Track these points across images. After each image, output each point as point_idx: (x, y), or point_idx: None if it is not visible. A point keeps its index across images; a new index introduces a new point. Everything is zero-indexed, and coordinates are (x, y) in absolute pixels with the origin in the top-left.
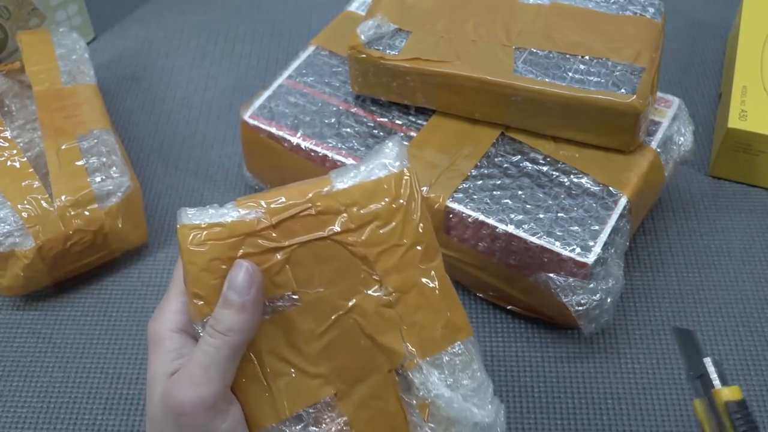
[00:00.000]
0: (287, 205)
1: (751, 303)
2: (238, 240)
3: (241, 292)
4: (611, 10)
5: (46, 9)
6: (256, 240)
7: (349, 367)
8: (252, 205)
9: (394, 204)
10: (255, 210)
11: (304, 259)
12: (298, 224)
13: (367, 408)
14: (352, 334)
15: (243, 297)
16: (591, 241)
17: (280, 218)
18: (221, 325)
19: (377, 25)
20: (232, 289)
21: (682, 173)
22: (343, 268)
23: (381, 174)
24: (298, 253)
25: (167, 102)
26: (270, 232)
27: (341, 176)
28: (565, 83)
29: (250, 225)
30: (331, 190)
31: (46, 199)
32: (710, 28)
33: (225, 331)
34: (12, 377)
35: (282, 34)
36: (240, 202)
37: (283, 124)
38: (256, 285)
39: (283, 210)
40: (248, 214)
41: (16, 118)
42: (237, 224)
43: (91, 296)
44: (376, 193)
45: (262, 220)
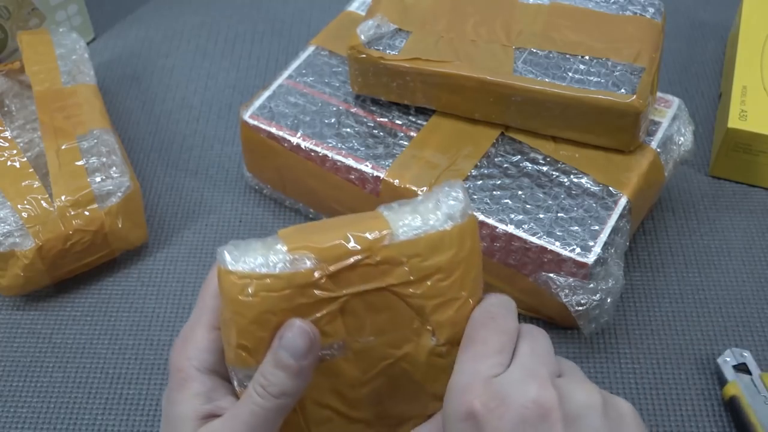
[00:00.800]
0: (345, 252)
1: (751, 303)
2: (292, 291)
3: (298, 356)
4: (611, 10)
5: (46, 9)
6: (311, 291)
7: (393, 412)
8: (304, 251)
9: (457, 256)
10: (307, 257)
11: (358, 308)
12: (355, 274)
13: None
14: (399, 381)
15: (300, 362)
16: (591, 241)
17: (338, 268)
18: (273, 387)
19: (377, 25)
20: (289, 351)
21: (682, 173)
22: (396, 318)
23: (447, 226)
24: (352, 303)
25: (167, 102)
26: (326, 282)
27: (401, 220)
28: (565, 83)
29: (305, 276)
30: (392, 241)
31: (46, 199)
32: (710, 28)
33: (277, 394)
34: (12, 377)
35: (282, 34)
36: (290, 244)
37: (283, 124)
38: (314, 350)
39: (339, 258)
40: (301, 262)
41: (16, 118)
42: (291, 276)
43: (91, 296)
44: (441, 245)
45: (317, 271)
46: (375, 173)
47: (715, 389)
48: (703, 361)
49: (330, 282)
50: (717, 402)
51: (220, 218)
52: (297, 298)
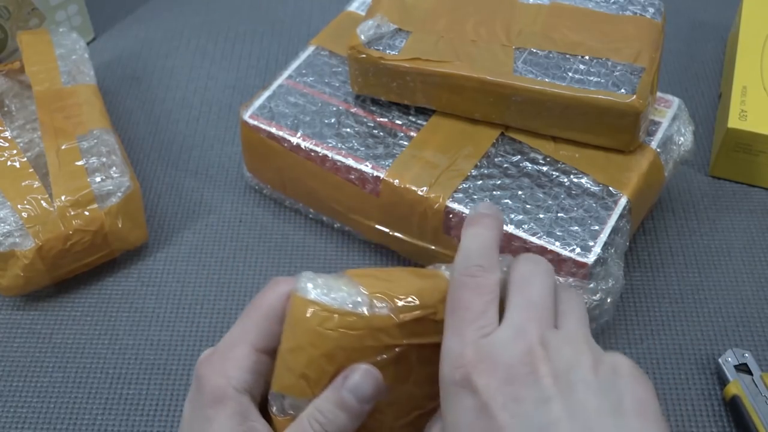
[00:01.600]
0: (415, 306)
1: (751, 303)
2: (365, 333)
3: (362, 400)
4: (611, 10)
5: (46, 9)
6: (380, 335)
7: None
8: (383, 298)
9: None
10: (385, 303)
11: (411, 358)
12: (420, 327)
13: None
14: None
15: (363, 405)
16: (591, 241)
17: (406, 319)
18: (331, 426)
19: (377, 25)
20: (354, 394)
21: (682, 173)
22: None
23: None
24: (407, 352)
25: (167, 102)
26: (394, 329)
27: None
28: (565, 83)
29: (383, 321)
30: None
31: (46, 199)
32: (710, 28)
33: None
34: (12, 377)
35: (282, 34)
36: (370, 289)
37: (283, 124)
38: (378, 396)
39: (410, 311)
40: (380, 308)
41: (16, 118)
42: (371, 318)
43: (91, 296)
44: None
45: (389, 319)
46: (375, 173)
47: (716, 389)
48: (703, 361)
49: (399, 331)
50: (717, 402)
51: (220, 218)
52: (367, 341)
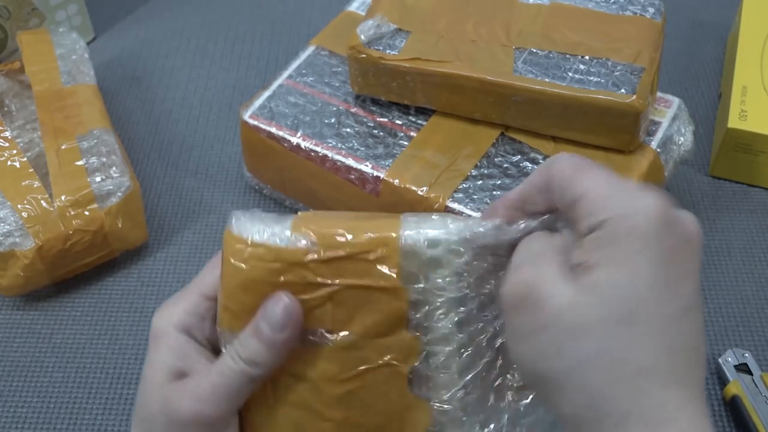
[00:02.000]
0: (345, 243)
1: (751, 303)
2: (283, 267)
3: (275, 328)
4: (611, 10)
5: (46, 9)
6: (301, 271)
7: (366, 421)
8: (307, 231)
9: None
10: (307, 238)
11: (348, 301)
12: (351, 267)
13: None
14: (378, 391)
15: (275, 334)
16: None
17: (331, 256)
18: (247, 354)
19: (377, 25)
20: (267, 322)
21: (682, 173)
22: (385, 323)
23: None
24: (343, 294)
25: (167, 102)
26: (320, 267)
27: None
28: (565, 83)
29: (297, 254)
30: (396, 245)
31: (46, 199)
32: (710, 28)
33: (248, 362)
34: (12, 377)
35: (282, 34)
36: (296, 224)
37: (283, 124)
38: (293, 325)
39: (338, 247)
40: (299, 241)
41: (16, 118)
42: (284, 251)
43: (91, 296)
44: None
45: (311, 253)
46: (375, 173)
47: (716, 389)
48: None
49: (323, 267)
50: (718, 402)
51: (220, 218)
52: (287, 275)
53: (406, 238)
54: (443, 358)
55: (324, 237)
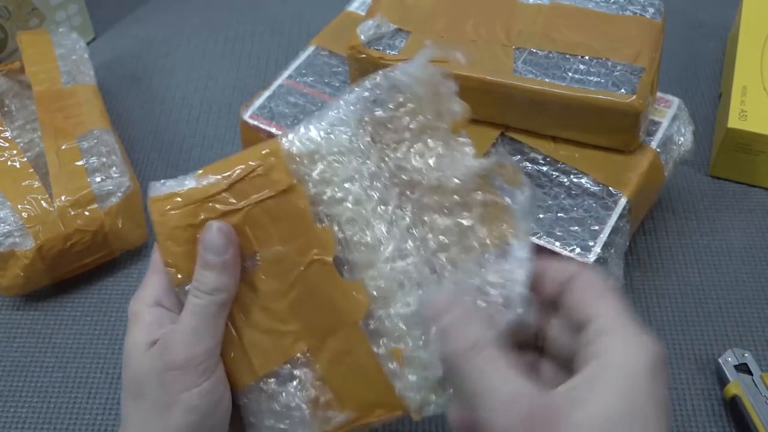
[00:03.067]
0: (239, 167)
1: (751, 303)
2: (195, 206)
3: (219, 252)
4: (611, 10)
5: (46, 9)
6: (213, 205)
7: (318, 322)
8: (209, 172)
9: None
10: (211, 175)
11: (261, 219)
12: (250, 186)
13: (340, 363)
14: (316, 289)
15: (222, 257)
16: (591, 241)
17: (232, 181)
18: (206, 286)
19: (377, 25)
20: (210, 251)
21: (682, 173)
22: (296, 224)
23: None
24: (254, 214)
25: (167, 102)
26: (225, 195)
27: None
28: (565, 83)
29: (205, 191)
30: (280, 148)
31: (46, 199)
32: (710, 28)
33: (211, 291)
34: (12, 377)
35: (282, 34)
36: (200, 172)
37: (283, 124)
38: (232, 243)
39: (233, 172)
40: (203, 180)
41: (16, 118)
42: (192, 192)
43: (91, 296)
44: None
45: (215, 185)
46: None
47: (716, 389)
48: (703, 361)
49: (231, 196)
50: (717, 402)
51: None
52: (203, 213)
53: (285, 142)
54: (356, 236)
55: (222, 169)
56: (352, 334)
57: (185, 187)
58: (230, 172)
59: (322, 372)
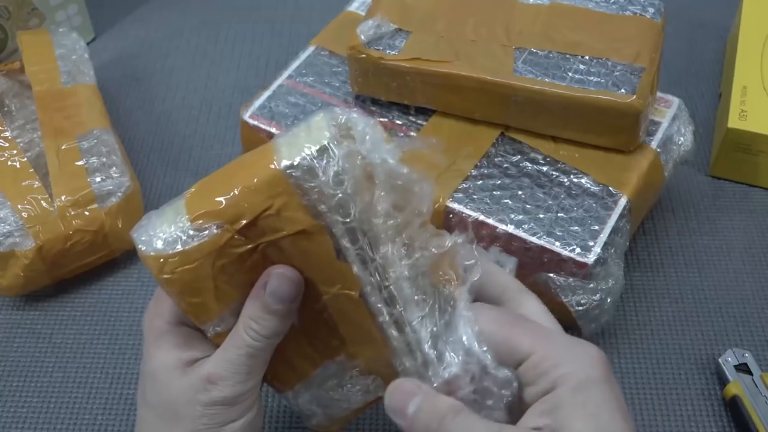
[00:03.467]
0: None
1: (751, 303)
2: (207, 257)
3: (286, 301)
4: (611, 10)
5: (46, 9)
6: (227, 250)
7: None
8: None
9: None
10: (211, 224)
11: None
12: (264, 226)
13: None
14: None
15: (289, 305)
16: (591, 241)
17: (240, 227)
18: (267, 330)
19: (377, 25)
20: (277, 298)
21: (682, 173)
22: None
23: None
24: (273, 249)
25: (167, 102)
26: (238, 239)
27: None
28: (565, 83)
29: (212, 244)
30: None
31: (46, 199)
32: (710, 28)
33: (269, 335)
34: (12, 377)
35: (282, 34)
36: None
37: (283, 124)
38: (300, 292)
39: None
40: (204, 231)
41: (16, 118)
42: (199, 247)
43: (91, 296)
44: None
45: (223, 234)
46: None
47: (716, 389)
48: (703, 361)
49: (243, 236)
50: (717, 402)
51: None
52: (218, 260)
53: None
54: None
55: (224, 215)
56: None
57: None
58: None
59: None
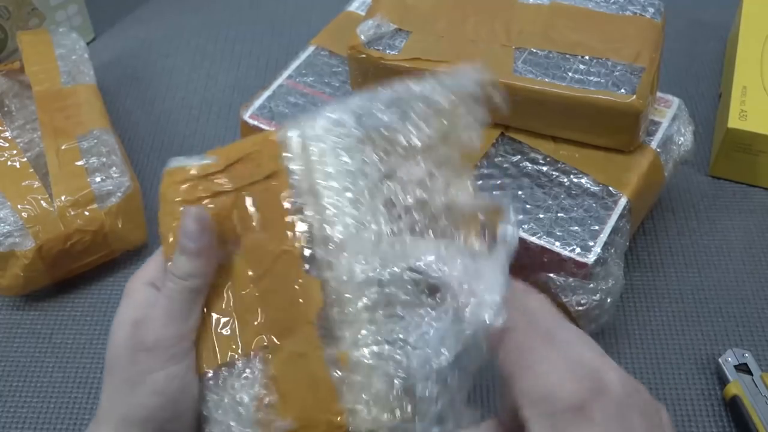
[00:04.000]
0: (238, 150)
1: (751, 303)
2: (194, 183)
3: (193, 238)
4: (611, 10)
5: (46, 9)
6: (209, 184)
7: (280, 317)
8: (213, 154)
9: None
10: (213, 157)
11: (247, 204)
12: (243, 168)
13: (293, 365)
14: (283, 281)
15: (197, 243)
16: (591, 241)
17: (228, 162)
18: (180, 270)
19: (377, 25)
20: (185, 236)
21: (682, 173)
22: (275, 212)
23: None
24: (242, 198)
25: (167, 102)
26: (220, 176)
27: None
28: (565, 83)
29: (204, 169)
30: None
31: (46, 199)
32: (710, 28)
33: (183, 276)
34: (12, 377)
35: (282, 34)
36: (210, 153)
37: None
38: (207, 230)
39: (233, 156)
40: (205, 159)
41: (16, 118)
42: (192, 167)
43: (91, 296)
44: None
45: (213, 165)
46: None
47: (716, 389)
48: (703, 361)
49: (225, 177)
50: (717, 402)
51: None
52: (197, 191)
53: (283, 131)
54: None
55: (225, 151)
56: (308, 335)
57: (189, 163)
58: (229, 154)
59: (274, 371)
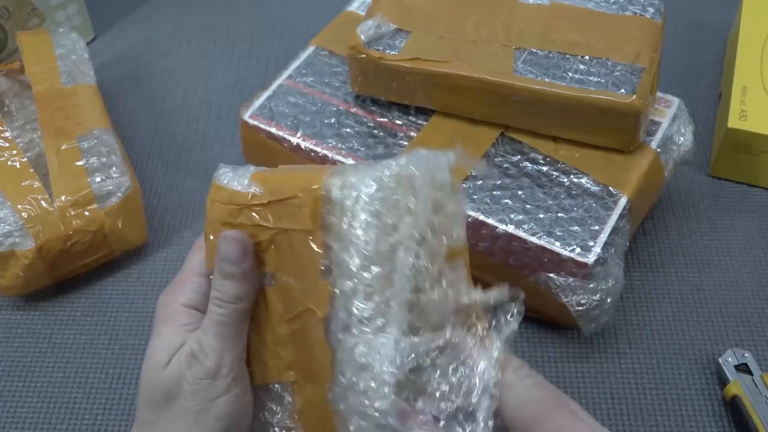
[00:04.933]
0: (282, 189)
1: (751, 303)
2: (236, 208)
3: (236, 262)
4: (611, 10)
5: (46, 9)
6: (250, 213)
7: (305, 363)
8: (258, 181)
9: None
10: (258, 186)
11: (285, 245)
12: (284, 211)
13: (311, 409)
14: (308, 335)
15: (240, 267)
16: (591, 241)
17: (271, 200)
18: (227, 295)
19: (377, 25)
20: (227, 261)
21: (682, 173)
22: (308, 267)
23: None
24: (281, 238)
25: (167, 102)
26: (263, 210)
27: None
28: (565, 83)
29: (246, 197)
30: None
31: (46, 199)
32: (710, 28)
33: (233, 300)
34: (12, 377)
35: (282, 34)
36: (256, 175)
37: (283, 124)
38: (250, 254)
39: (277, 193)
40: (251, 187)
41: (16, 118)
42: (237, 194)
43: (91, 296)
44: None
45: (257, 197)
46: None
47: (716, 389)
48: (703, 361)
49: (266, 211)
50: (717, 402)
51: None
52: (239, 217)
53: (327, 185)
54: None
55: (270, 184)
56: (322, 393)
57: (235, 186)
58: (274, 189)
59: (299, 408)
